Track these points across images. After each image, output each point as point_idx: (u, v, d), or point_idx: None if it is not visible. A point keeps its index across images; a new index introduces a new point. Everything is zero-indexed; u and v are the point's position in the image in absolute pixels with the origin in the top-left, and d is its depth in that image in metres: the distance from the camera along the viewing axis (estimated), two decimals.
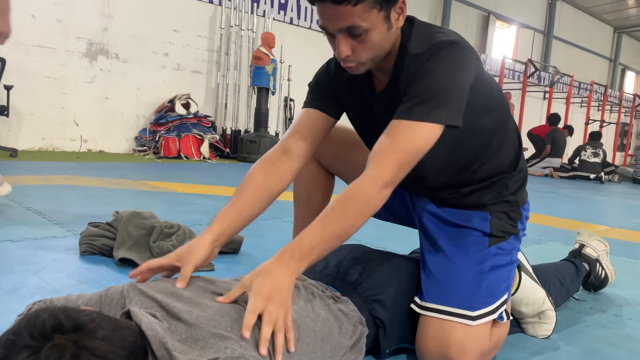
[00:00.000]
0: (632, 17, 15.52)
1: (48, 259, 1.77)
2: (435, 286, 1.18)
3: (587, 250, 1.81)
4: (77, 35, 6.15)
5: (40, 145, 6.07)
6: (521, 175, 1.33)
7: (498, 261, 1.22)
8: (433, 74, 1.04)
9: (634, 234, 3.36)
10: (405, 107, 1.05)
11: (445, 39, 1.07)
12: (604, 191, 6.71)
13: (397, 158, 1.03)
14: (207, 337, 0.82)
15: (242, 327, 0.85)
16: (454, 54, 1.06)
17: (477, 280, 1.18)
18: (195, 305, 0.89)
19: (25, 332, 0.69)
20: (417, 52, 1.07)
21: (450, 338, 1.12)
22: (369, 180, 1.03)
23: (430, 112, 1.03)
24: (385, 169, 1.03)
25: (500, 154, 1.26)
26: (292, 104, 8.16)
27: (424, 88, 1.04)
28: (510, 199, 1.28)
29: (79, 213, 2.55)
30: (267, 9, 7.84)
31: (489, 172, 1.25)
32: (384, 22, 1.04)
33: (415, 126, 1.03)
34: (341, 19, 1.00)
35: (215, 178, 4.72)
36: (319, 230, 1.01)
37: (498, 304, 1.19)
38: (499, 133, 1.24)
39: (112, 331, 0.74)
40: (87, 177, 3.98)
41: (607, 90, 13.24)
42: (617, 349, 1.39)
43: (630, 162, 14.30)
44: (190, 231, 2.01)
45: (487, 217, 1.26)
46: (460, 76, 1.06)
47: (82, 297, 1.00)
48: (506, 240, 1.25)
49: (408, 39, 1.11)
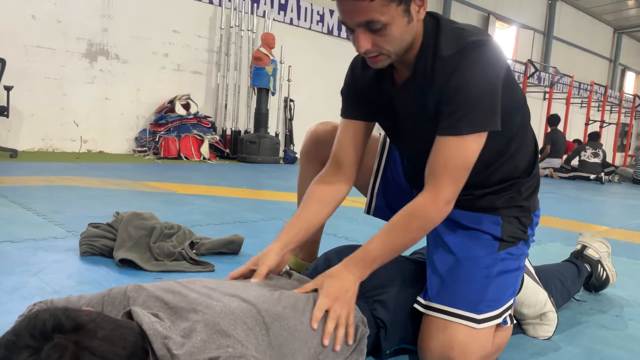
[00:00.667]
0: (632, 18, 15.53)
1: (48, 259, 1.76)
2: (442, 287, 1.18)
3: (589, 252, 1.81)
4: (77, 36, 6.15)
5: (40, 145, 6.08)
6: (534, 182, 1.32)
7: (506, 266, 1.22)
8: (471, 84, 1.05)
9: (634, 235, 3.36)
10: (449, 122, 1.08)
11: (474, 39, 1.07)
12: (604, 192, 6.71)
13: (454, 175, 1.09)
14: (210, 333, 0.83)
15: (311, 320, 0.99)
16: (486, 56, 1.07)
17: (484, 283, 1.18)
18: (200, 304, 0.89)
19: (26, 333, 0.69)
20: (447, 54, 1.08)
21: (454, 340, 1.12)
22: (429, 199, 1.10)
23: (475, 123, 1.06)
24: (443, 187, 1.09)
25: (517, 158, 1.25)
26: (292, 104, 8.16)
27: (464, 101, 1.06)
28: (523, 204, 1.28)
29: (79, 214, 2.55)
30: (267, 10, 7.85)
31: (505, 176, 1.24)
32: (403, 15, 1.03)
33: (465, 140, 1.07)
34: (360, 13, 1.01)
35: (215, 179, 4.72)
36: (382, 243, 1.12)
37: (503, 308, 1.18)
38: (519, 135, 1.24)
39: (113, 331, 0.75)
40: (87, 178, 3.98)
41: (607, 90, 13.25)
42: (617, 349, 1.39)
43: (630, 163, 14.32)
44: (190, 232, 2.01)
45: (498, 221, 1.25)
46: (494, 79, 1.07)
47: (83, 298, 1.00)
48: (516, 246, 1.25)
49: (434, 35, 1.11)
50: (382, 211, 1.52)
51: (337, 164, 1.31)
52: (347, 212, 1.77)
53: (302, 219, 1.28)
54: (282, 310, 0.96)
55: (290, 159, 7.37)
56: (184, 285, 0.98)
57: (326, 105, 8.43)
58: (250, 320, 0.88)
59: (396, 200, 1.47)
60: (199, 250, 1.93)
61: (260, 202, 3.51)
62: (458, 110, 1.06)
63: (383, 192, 1.49)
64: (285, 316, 0.95)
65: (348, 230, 2.62)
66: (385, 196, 1.49)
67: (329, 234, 2.44)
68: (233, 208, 3.10)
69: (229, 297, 0.94)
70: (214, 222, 2.59)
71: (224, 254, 1.99)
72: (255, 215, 2.91)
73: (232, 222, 2.66)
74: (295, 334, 0.94)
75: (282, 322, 0.93)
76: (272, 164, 6.88)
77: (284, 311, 0.96)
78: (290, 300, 1.00)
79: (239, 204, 3.27)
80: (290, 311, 0.97)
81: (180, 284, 0.98)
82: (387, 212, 1.51)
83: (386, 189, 1.48)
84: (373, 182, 1.49)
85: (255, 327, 0.88)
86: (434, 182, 1.10)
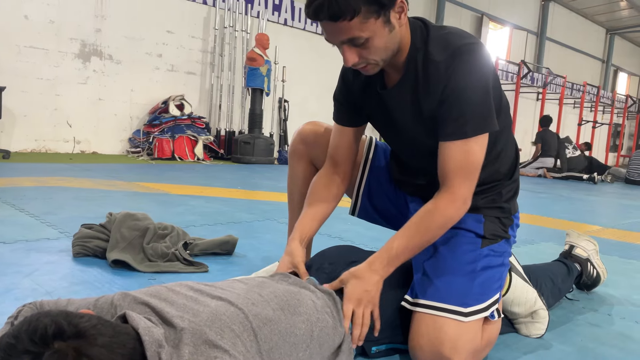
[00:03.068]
0: (624, 19, 15.63)
1: (41, 261, 1.76)
2: (428, 283, 1.20)
3: (577, 251, 1.82)
4: (70, 37, 6.12)
5: (33, 146, 6.04)
6: (514, 186, 1.38)
7: (490, 262, 1.25)
8: (468, 90, 1.11)
9: (626, 234, 3.38)
10: (453, 128, 1.14)
11: (464, 43, 1.12)
12: (596, 191, 6.75)
13: (466, 175, 1.15)
14: (197, 343, 0.82)
15: (343, 323, 1.09)
16: (478, 60, 1.12)
17: (469, 278, 1.21)
18: (188, 311, 0.88)
19: (26, 336, 0.69)
20: (439, 58, 1.13)
21: (443, 335, 1.13)
22: (447, 199, 1.16)
23: (478, 127, 1.13)
24: (458, 187, 1.15)
25: (498, 161, 1.30)
26: (286, 105, 8.15)
27: (465, 107, 1.12)
28: (504, 205, 1.33)
29: (72, 215, 2.54)
30: (261, 10, 7.84)
31: (487, 178, 1.28)
32: (383, 26, 1.07)
33: (471, 142, 1.14)
34: (341, 33, 1.06)
35: (209, 179, 4.71)
36: (404, 242, 1.17)
37: (490, 302, 1.21)
38: (502, 139, 1.28)
39: (112, 337, 0.74)
40: (80, 179, 3.96)
41: (600, 91, 13.33)
42: (609, 348, 1.40)
43: (622, 163, 14.41)
44: (184, 232, 2.01)
45: (480, 219, 1.29)
46: (486, 81, 1.13)
47: (72, 303, 0.98)
48: (497, 243, 1.29)
49: (423, 40, 1.16)
50: (366, 212, 1.56)
51: (334, 164, 1.40)
52: (340, 213, 1.77)
53: (310, 216, 1.37)
54: (272, 313, 0.95)
55: (285, 159, 7.37)
56: (171, 289, 0.96)
57: (320, 106, 8.46)
58: (238, 327, 0.87)
59: (381, 202, 1.52)
60: (193, 251, 1.92)
61: (255, 202, 3.50)
62: (460, 117, 1.12)
63: (368, 194, 1.52)
64: (275, 319, 0.94)
65: (342, 230, 2.63)
66: (370, 197, 1.52)
67: (323, 234, 2.45)
68: (227, 209, 3.09)
69: (217, 301, 0.93)
70: (208, 223, 2.59)
71: (218, 255, 1.99)
72: (249, 215, 2.91)
73: (226, 222, 2.65)
74: (286, 338, 0.94)
75: (272, 325, 0.93)
76: (267, 165, 6.87)
77: (274, 314, 0.95)
78: (281, 301, 1.00)
79: (233, 205, 3.27)
80: (281, 313, 0.96)
81: (167, 287, 0.97)
82: (372, 213, 1.55)
83: (371, 190, 1.51)
84: (358, 183, 1.52)
85: (242, 333, 0.87)
86: (448, 184, 1.16)
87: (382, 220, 1.56)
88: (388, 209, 1.51)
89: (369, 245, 2.29)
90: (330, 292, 1.13)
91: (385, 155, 1.52)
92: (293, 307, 1.00)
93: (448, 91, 1.12)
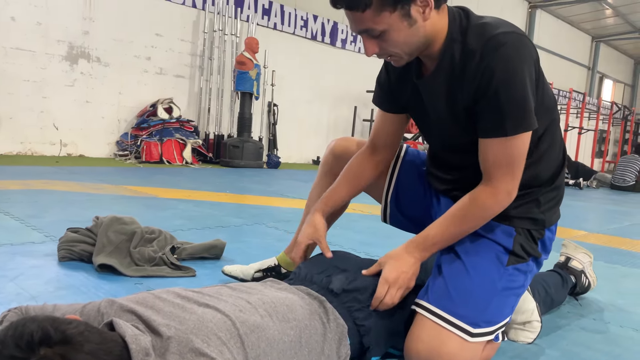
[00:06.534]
0: (610, 27, 15.86)
1: (26, 265, 1.73)
2: (444, 292, 1.16)
3: (573, 264, 1.81)
4: (57, 39, 6.07)
5: (19, 149, 5.97)
6: (556, 194, 1.30)
7: (511, 282, 1.21)
8: (507, 84, 1.07)
9: (611, 239, 3.42)
10: (493, 124, 1.11)
11: (502, 31, 1.08)
12: (582, 197, 6.82)
13: (508, 169, 1.13)
14: (183, 352, 0.81)
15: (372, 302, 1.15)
16: (513, 50, 1.07)
17: (487, 297, 1.17)
18: (174, 319, 0.87)
19: (12, 342, 0.68)
20: (476, 47, 1.09)
21: (444, 348, 1.10)
22: (488, 192, 1.16)
23: (518, 124, 1.10)
24: (500, 180, 1.14)
25: (541, 164, 1.24)
26: (275, 109, 8.14)
27: (504, 101, 1.08)
28: (538, 217, 1.26)
29: (58, 218, 2.51)
30: (251, 14, 7.84)
31: (524, 181, 1.20)
32: (401, 20, 1.06)
33: (512, 140, 1.11)
34: (357, 22, 1.07)
35: (197, 183, 4.69)
36: (441, 230, 1.19)
37: (499, 326, 1.18)
38: (547, 138, 1.23)
39: (99, 344, 0.74)
40: (66, 182, 3.92)
41: (586, 97, 13.48)
42: (595, 352, 1.41)
43: (607, 169, 14.58)
44: (171, 237, 2.00)
45: (511, 232, 1.24)
46: (523, 74, 1.08)
47: (58, 309, 0.97)
48: (525, 262, 1.24)
49: (462, 30, 1.12)
50: (396, 218, 1.52)
51: (373, 147, 1.43)
52: None
53: (337, 192, 1.42)
54: (260, 320, 0.94)
55: (274, 163, 7.35)
56: (157, 296, 0.95)
57: (310, 110, 8.47)
58: (225, 334, 0.87)
59: (410, 207, 1.48)
60: (180, 255, 1.91)
61: (243, 206, 3.49)
62: (499, 114, 1.09)
63: (395, 199, 1.48)
64: (263, 326, 0.93)
65: (330, 235, 2.62)
66: (397, 203, 1.49)
67: None
68: (215, 212, 3.08)
69: (204, 308, 0.92)
70: (196, 227, 2.58)
71: (206, 259, 1.98)
72: (237, 219, 2.90)
73: (215, 226, 2.64)
74: (274, 345, 0.93)
75: (260, 332, 0.92)
76: (255, 169, 6.85)
77: (262, 320, 0.94)
78: (269, 307, 0.99)
79: (221, 209, 3.26)
80: (269, 320, 0.95)
81: (154, 295, 0.96)
82: (401, 219, 1.51)
83: (399, 195, 1.48)
84: (387, 189, 1.49)
85: (229, 340, 0.86)
86: (489, 177, 1.15)
87: (410, 225, 1.51)
88: (416, 215, 1.47)
89: (358, 250, 2.29)
90: (322, 299, 1.12)
91: (415, 161, 1.48)
92: (281, 314, 0.99)
93: (485, 84, 1.08)
